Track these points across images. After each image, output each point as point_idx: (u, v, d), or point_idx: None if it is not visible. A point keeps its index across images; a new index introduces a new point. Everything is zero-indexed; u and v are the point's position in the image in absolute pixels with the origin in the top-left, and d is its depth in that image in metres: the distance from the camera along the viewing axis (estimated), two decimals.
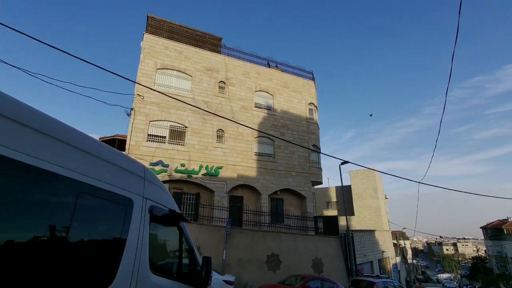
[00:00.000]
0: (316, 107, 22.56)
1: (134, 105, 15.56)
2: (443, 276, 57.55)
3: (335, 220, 17.95)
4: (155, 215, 2.77)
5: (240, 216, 16.60)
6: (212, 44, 19.70)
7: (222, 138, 17.51)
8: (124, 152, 14.68)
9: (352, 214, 29.25)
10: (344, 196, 31.25)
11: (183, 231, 3.22)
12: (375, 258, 21.49)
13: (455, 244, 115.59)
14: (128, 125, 15.18)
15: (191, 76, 17.77)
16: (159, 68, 16.94)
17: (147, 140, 15.33)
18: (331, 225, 17.71)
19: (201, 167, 16.11)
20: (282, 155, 19.23)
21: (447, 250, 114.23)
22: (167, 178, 15.10)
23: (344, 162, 17.77)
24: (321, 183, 20.92)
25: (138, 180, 2.71)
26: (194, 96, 17.33)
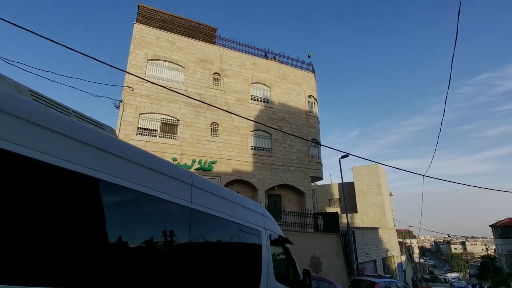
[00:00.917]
0: (316, 100, 21.71)
1: (123, 97, 14.93)
2: (451, 275, 56.11)
3: (335, 216, 17.12)
4: (272, 240, 4.35)
5: None
6: (207, 35, 18.99)
7: (216, 132, 16.80)
8: None
9: (355, 212, 28.29)
10: (347, 193, 30.31)
11: (288, 249, 4.98)
12: (379, 256, 20.60)
13: (463, 243, 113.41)
14: (117, 118, 14.56)
15: (184, 68, 17.09)
16: (150, 59, 16.29)
17: (137, 134, 14.69)
18: (331, 222, 16.91)
19: (193, 161, 15.42)
20: (280, 149, 18.44)
21: (455, 249, 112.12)
22: None
23: (344, 156, 16.95)
24: (321, 178, 20.08)
25: (261, 217, 4.34)
26: (187, 88, 16.64)
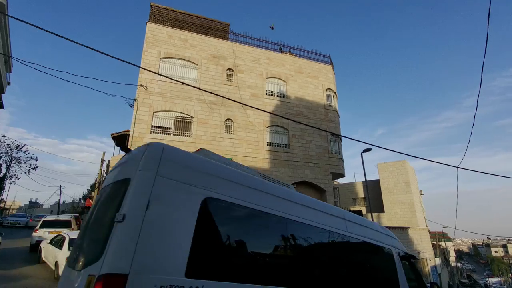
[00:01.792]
0: (335, 93, 20.65)
1: (137, 96, 14.92)
2: (492, 280, 51.64)
3: (359, 215, 15.95)
4: (401, 256, 5.13)
5: None
6: (219, 31, 18.68)
7: (230, 128, 16.36)
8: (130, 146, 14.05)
9: (382, 211, 26.59)
10: (373, 192, 28.72)
11: (413, 264, 5.41)
12: None
13: (505, 246, 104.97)
14: (132, 117, 14.55)
15: (197, 65, 16.85)
16: (163, 57, 16.22)
17: (151, 132, 14.59)
18: None
19: None
20: (298, 145, 17.64)
21: (496, 252, 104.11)
22: None
23: (366, 149, 15.83)
24: (343, 175, 18.98)
25: (390, 238, 5.22)
26: (200, 85, 16.36)
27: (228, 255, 2.56)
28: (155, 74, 15.58)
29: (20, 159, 43.35)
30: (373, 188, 28.55)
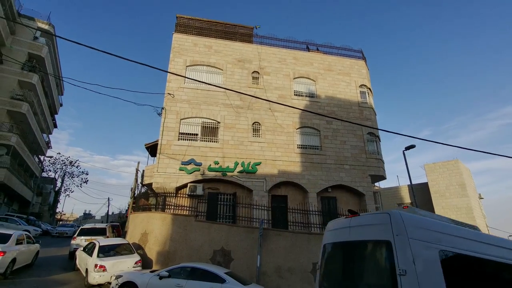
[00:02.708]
0: (370, 89, 19.16)
1: (165, 104, 15.13)
2: None
3: None
4: None
5: (285, 216, 14.41)
6: (244, 35, 18.52)
7: (258, 132, 15.82)
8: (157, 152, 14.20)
9: None
10: (421, 196, 25.97)
11: None
12: None
13: None
14: (160, 125, 14.74)
15: (222, 70, 16.75)
16: (189, 65, 16.38)
17: (179, 139, 14.61)
18: None
19: (236, 164, 14.61)
20: (331, 146, 16.47)
21: None
22: (200, 178, 14.01)
23: (409, 147, 14.18)
24: (384, 177, 17.26)
25: None
26: (226, 90, 16.16)
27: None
28: (181, 83, 15.76)
29: (73, 173, 47.21)
30: (421, 192, 25.80)
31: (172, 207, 12.21)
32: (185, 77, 9.54)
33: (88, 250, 9.77)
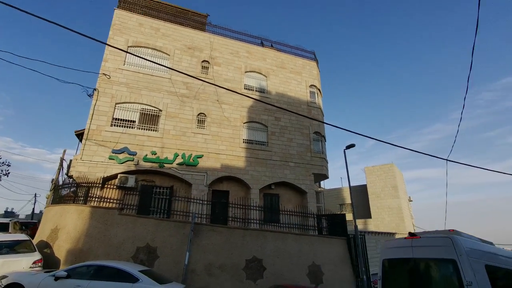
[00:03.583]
0: (320, 90, 19.63)
1: (98, 85, 13.53)
2: None
3: (341, 218, 14.71)
4: None
5: (226, 212, 13.87)
6: (196, 22, 17.58)
7: (203, 123, 15.05)
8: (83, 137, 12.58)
9: (369, 217, 25.43)
10: (360, 197, 27.64)
11: None
12: None
13: None
14: (90, 108, 13.11)
15: (169, 55, 15.62)
16: (131, 46, 14.94)
17: (112, 125, 13.17)
18: (336, 224, 14.50)
19: (176, 155, 13.66)
20: (278, 143, 16.40)
21: None
22: (133, 168, 12.77)
23: (350, 146, 14.68)
24: (326, 177, 17.75)
25: None
26: (171, 76, 15.10)
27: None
28: (121, 64, 14.31)
29: None
30: (360, 193, 27.45)
31: (96, 200, 10.84)
32: (127, 52, 8.42)
33: None
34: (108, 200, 10.97)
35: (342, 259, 12.30)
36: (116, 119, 13.37)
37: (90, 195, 10.99)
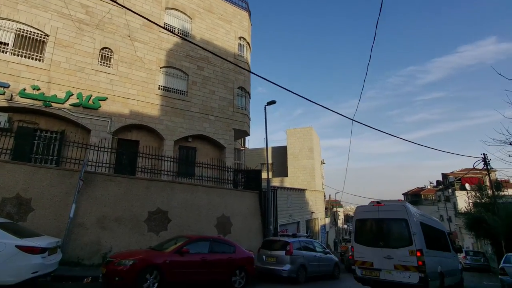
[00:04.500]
0: (249, 44, 18.68)
1: None
2: None
3: (257, 174, 15.02)
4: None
5: (134, 163, 12.47)
6: None
7: (109, 61, 12.66)
8: None
9: (286, 176, 27.42)
10: (280, 157, 29.23)
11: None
12: (303, 218, 19.72)
13: None
14: None
15: None
16: None
17: None
18: (251, 179, 14.77)
19: (69, 94, 11.24)
20: (199, 94, 15.20)
21: None
22: (4, 104, 10.00)
23: (270, 102, 14.60)
24: (247, 133, 17.68)
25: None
26: None
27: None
28: None
29: None
30: (281, 154, 28.98)
31: None
32: None
33: None
34: None
35: (253, 211, 12.65)
36: None
37: None
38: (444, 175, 43.47)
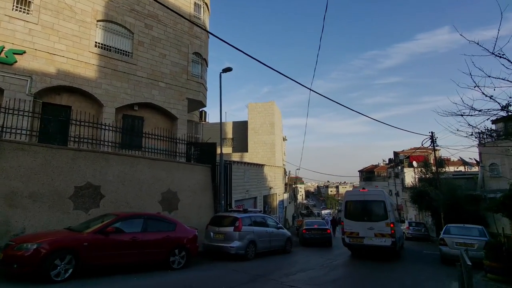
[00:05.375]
0: (207, 5, 16.86)
1: None
2: (325, 211, 66.11)
3: (211, 147, 14.07)
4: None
5: (65, 131, 10.72)
6: None
7: (27, 6, 10.34)
8: None
9: (246, 151, 26.85)
10: (241, 132, 28.39)
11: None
12: (261, 194, 19.46)
13: (337, 187, 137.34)
14: None
15: None
16: None
17: None
18: (205, 152, 13.82)
19: None
20: (147, 56, 13.42)
21: (331, 191, 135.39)
22: None
23: (226, 69, 13.43)
24: (203, 104, 16.41)
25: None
26: None
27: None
28: None
29: None
30: (241, 128, 28.17)
31: None
32: None
33: None
34: None
35: (204, 186, 11.81)
36: None
37: None
38: (395, 153, 46.41)
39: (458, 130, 6.91)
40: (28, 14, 10.29)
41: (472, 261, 8.87)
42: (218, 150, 14.63)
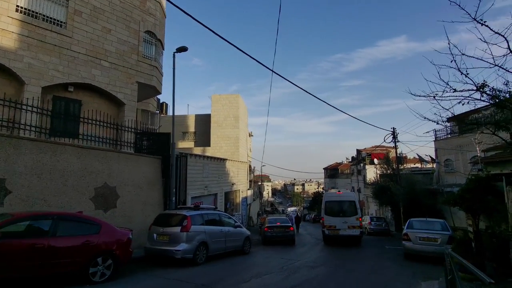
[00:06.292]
0: None
1: None
2: (290, 209, 66.51)
3: (164, 137, 12.52)
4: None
5: None
6: None
7: None
8: None
9: (208, 145, 25.32)
10: (204, 126, 26.79)
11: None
12: (222, 190, 18.17)
13: (303, 184, 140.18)
14: None
15: None
16: None
17: None
18: (157, 143, 12.24)
19: None
20: (86, 29, 11.43)
21: (297, 189, 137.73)
22: None
23: (181, 48, 11.96)
24: (158, 91, 14.69)
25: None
26: None
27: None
28: None
29: None
30: (204, 122, 26.56)
31: None
32: None
33: None
34: None
35: (151, 180, 10.26)
36: None
37: None
38: (358, 151, 47.76)
39: (425, 118, 6.33)
40: None
41: (435, 255, 8.57)
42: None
